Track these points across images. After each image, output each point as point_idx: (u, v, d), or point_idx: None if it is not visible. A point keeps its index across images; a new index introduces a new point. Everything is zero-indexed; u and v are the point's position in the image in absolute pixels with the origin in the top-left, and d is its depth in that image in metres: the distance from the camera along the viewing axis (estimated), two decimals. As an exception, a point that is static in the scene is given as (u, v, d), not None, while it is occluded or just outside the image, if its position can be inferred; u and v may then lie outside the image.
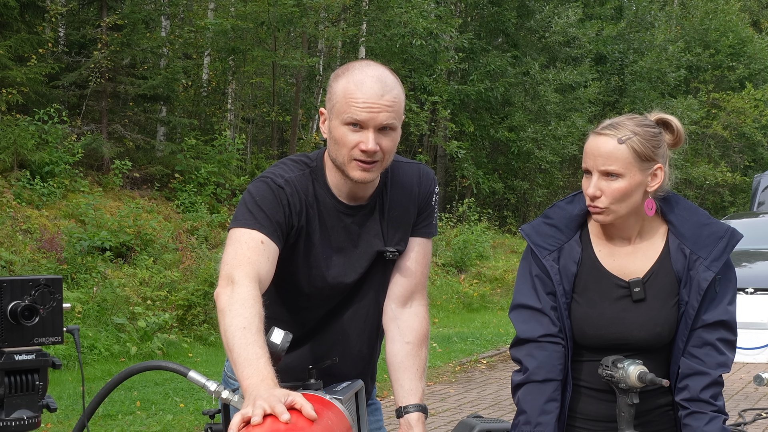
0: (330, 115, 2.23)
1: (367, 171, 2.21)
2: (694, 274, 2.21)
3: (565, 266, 2.25)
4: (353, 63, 2.27)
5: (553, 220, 2.32)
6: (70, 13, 15.77)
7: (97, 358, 8.61)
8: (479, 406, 7.56)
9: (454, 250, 17.37)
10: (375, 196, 2.35)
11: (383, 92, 2.18)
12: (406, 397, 2.31)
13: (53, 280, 1.87)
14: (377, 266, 2.37)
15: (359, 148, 2.18)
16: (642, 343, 2.23)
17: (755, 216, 13.55)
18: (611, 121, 2.23)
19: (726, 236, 2.24)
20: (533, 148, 22.01)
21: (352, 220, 2.33)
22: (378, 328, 2.44)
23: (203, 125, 17.75)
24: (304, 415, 1.65)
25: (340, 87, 2.21)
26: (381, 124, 2.18)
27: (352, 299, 2.38)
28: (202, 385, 1.95)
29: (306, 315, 2.37)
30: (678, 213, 2.29)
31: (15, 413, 1.81)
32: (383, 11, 18.04)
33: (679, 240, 2.25)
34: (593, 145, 2.19)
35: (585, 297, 2.25)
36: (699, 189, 29.39)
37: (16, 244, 9.90)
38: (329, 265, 2.31)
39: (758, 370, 8.54)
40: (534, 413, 2.20)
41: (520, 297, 2.30)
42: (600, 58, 26.08)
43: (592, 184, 2.17)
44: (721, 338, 2.21)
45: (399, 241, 2.38)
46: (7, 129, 11.84)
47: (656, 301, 2.23)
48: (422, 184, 2.41)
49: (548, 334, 2.23)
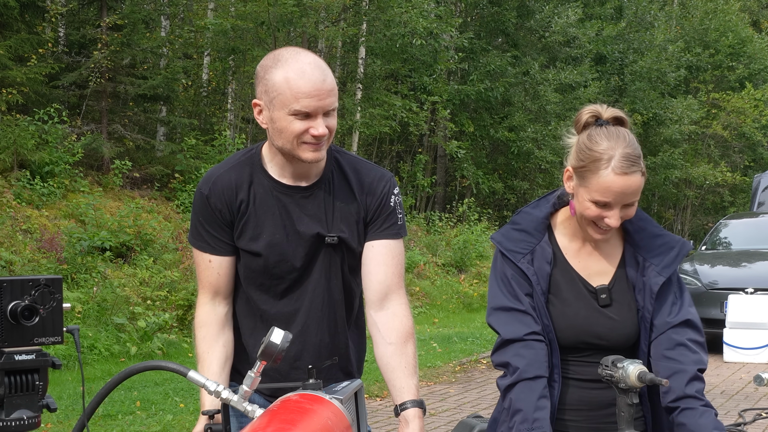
0: (270, 106, 2.28)
1: (317, 150, 2.30)
2: (646, 279, 2.32)
3: (540, 267, 2.32)
4: (281, 52, 2.32)
5: (521, 225, 2.38)
6: (70, 13, 15.77)
7: (97, 358, 8.61)
8: (479, 406, 7.57)
9: (454, 250, 17.38)
10: (321, 181, 2.41)
11: (324, 77, 2.25)
12: (400, 395, 2.35)
13: (53, 280, 1.87)
14: (323, 252, 2.41)
15: (310, 133, 2.26)
16: (614, 344, 2.32)
17: (755, 216, 13.56)
18: (628, 150, 2.20)
19: (677, 246, 2.36)
20: (533, 148, 22.01)
21: (290, 200, 2.40)
22: (339, 317, 2.48)
23: (203, 125, 17.75)
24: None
25: (279, 78, 2.25)
26: (327, 109, 2.26)
27: (306, 287, 2.43)
28: (201, 385, 1.96)
29: (262, 303, 2.44)
30: (635, 223, 2.37)
31: (15, 413, 1.81)
32: (383, 11, 18.04)
33: (634, 248, 2.36)
34: (623, 185, 2.18)
35: (559, 297, 2.33)
36: (699, 189, 29.40)
37: (16, 244, 9.91)
38: (268, 243, 2.39)
39: (758, 370, 8.54)
40: (530, 410, 2.20)
41: (497, 301, 2.33)
42: (600, 58, 26.07)
43: (616, 216, 2.22)
44: (690, 339, 2.29)
45: (342, 229, 2.42)
46: (7, 129, 11.84)
47: (621, 306, 2.33)
48: (375, 183, 2.45)
49: (533, 332, 2.27)
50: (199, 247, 2.45)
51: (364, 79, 18.67)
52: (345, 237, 2.41)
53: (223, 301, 2.47)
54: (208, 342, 2.42)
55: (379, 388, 7.41)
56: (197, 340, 2.44)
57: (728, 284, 10.97)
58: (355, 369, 2.56)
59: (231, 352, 2.45)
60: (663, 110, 26.45)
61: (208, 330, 2.43)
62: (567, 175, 2.31)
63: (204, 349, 2.42)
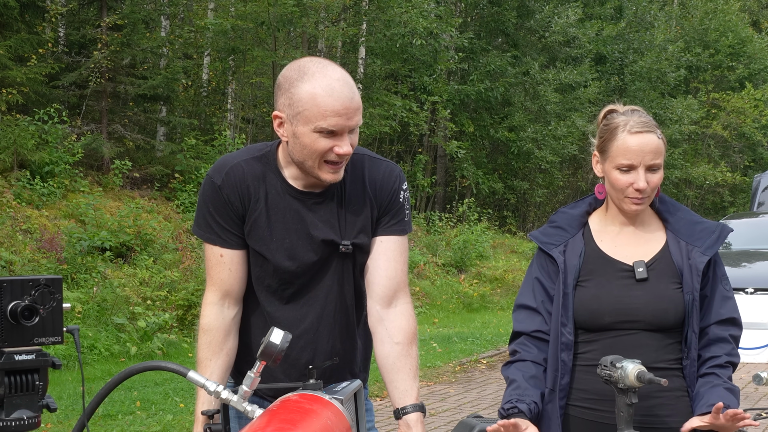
0: (294, 120, 2.20)
1: (338, 171, 2.26)
2: (692, 262, 2.41)
3: (570, 259, 2.44)
4: (307, 64, 2.22)
5: (557, 223, 2.54)
6: (70, 13, 15.77)
7: (97, 358, 8.62)
8: (479, 406, 7.57)
9: (454, 250, 17.37)
10: (333, 186, 2.36)
11: (352, 95, 2.19)
12: (402, 398, 2.32)
13: (53, 280, 1.87)
14: (335, 259, 2.37)
15: (335, 152, 2.20)
16: (649, 320, 2.37)
17: (755, 216, 13.54)
18: (642, 118, 2.38)
19: (717, 230, 2.47)
20: (533, 148, 22.01)
21: (302, 205, 2.34)
22: (350, 322, 2.45)
23: (203, 125, 17.75)
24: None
25: (305, 93, 2.17)
26: (353, 127, 2.21)
27: (317, 293, 2.38)
28: (201, 385, 1.96)
29: (268, 305, 2.39)
30: (673, 213, 2.51)
31: (15, 413, 1.81)
32: (383, 11, 18.04)
33: (675, 235, 2.47)
34: (640, 142, 2.34)
35: (592, 281, 2.42)
36: (699, 189, 29.40)
37: (16, 244, 9.91)
38: (278, 247, 2.33)
39: (758, 370, 8.54)
40: (523, 381, 2.37)
41: (521, 298, 2.52)
42: (600, 58, 26.08)
43: (642, 178, 2.34)
44: (731, 335, 2.43)
45: (357, 234, 2.37)
46: (7, 129, 11.84)
47: (659, 282, 2.40)
48: (385, 180, 2.40)
49: (539, 330, 2.45)
50: (209, 240, 2.35)
51: (364, 79, 18.67)
52: (359, 243, 2.37)
53: (233, 303, 2.37)
54: (212, 349, 2.34)
55: (379, 388, 7.40)
56: (200, 344, 2.36)
57: (728, 284, 10.95)
58: (359, 369, 2.53)
59: (233, 360, 2.40)
60: (663, 110, 26.45)
61: (214, 336, 2.34)
62: (595, 160, 2.47)
63: (207, 356, 2.34)
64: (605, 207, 2.50)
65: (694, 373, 2.37)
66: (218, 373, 2.33)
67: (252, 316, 2.43)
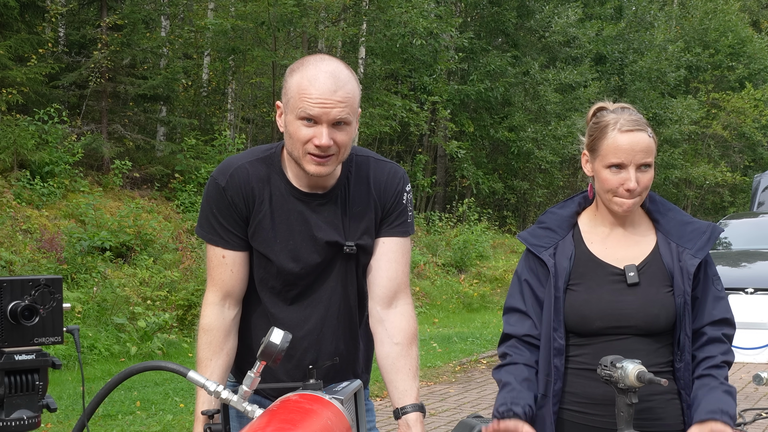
0: (285, 109, 2.27)
1: (321, 165, 2.25)
2: (682, 264, 2.37)
3: (560, 262, 2.40)
4: (308, 57, 2.29)
5: (546, 224, 2.50)
6: (70, 13, 15.77)
7: (97, 358, 8.62)
8: (479, 406, 7.57)
9: (454, 250, 17.37)
10: (336, 188, 2.37)
11: (336, 88, 2.20)
12: (402, 398, 2.32)
13: (53, 280, 1.87)
14: (339, 260, 2.38)
15: (313, 143, 2.22)
16: (640, 325, 2.34)
17: (755, 216, 13.54)
18: (633, 116, 2.35)
19: (708, 230, 2.43)
20: (533, 148, 22.01)
21: (305, 206, 2.36)
22: (355, 325, 2.46)
23: (203, 125, 17.76)
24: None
25: (294, 82, 2.23)
26: (334, 120, 2.21)
27: (320, 295, 2.40)
28: (201, 385, 1.96)
29: (272, 306, 2.40)
30: (664, 213, 2.48)
31: (15, 413, 1.81)
32: (383, 11, 18.04)
33: (666, 236, 2.43)
34: (631, 141, 2.30)
35: (583, 285, 2.38)
36: (699, 189, 29.40)
37: (16, 244, 9.91)
38: (282, 248, 2.35)
39: (758, 370, 8.54)
40: (516, 384, 2.36)
41: (510, 301, 2.49)
42: (600, 58, 26.08)
43: (633, 177, 2.30)
44: (725, 333, 2.39)
45: (361, 236, 2.38)
46: (7, 129, 11.84)
47: (650, 286, 2.36)
48: (389, 182, 2.42)
49: (529, 334, 2.43)
50: (211, 241, 2.37)
51: (364, 79, 18.67)
52: (363, 244, 2.38)
53: (234, 304, 2.39)
54: (212, 349, 2.35)
55: (379, 388, 7.40)
56: (200, 344, 2.37)
57: (728, 284, 10.94)
58: (362, 370, 2.54)
59: (233, 360, 2.41)
60: (663, 110, 26.45)
61: (214, 336, 2.35)
62: (584, 159, 2.43)
63: (207, 356, 2.35)
64: (595, 206, 2.47)
65: (688, 377, 2.36)
66: (218, 373, 2.34)
67: (255, 318, 2.43)
